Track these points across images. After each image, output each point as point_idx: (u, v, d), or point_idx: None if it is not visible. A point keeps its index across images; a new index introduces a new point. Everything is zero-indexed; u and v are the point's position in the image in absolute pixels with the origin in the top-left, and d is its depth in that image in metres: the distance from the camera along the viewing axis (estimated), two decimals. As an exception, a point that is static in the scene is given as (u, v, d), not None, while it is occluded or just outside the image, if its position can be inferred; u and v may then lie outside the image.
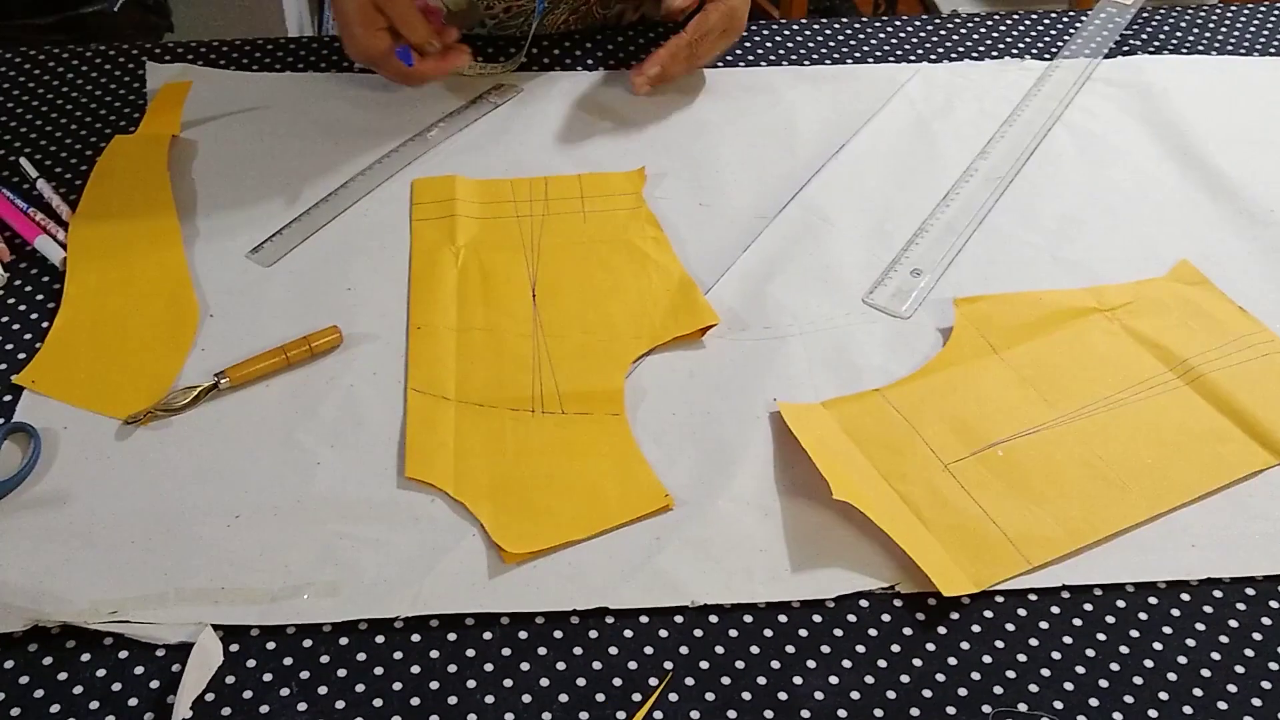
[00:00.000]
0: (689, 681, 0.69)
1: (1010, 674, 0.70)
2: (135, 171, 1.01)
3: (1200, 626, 0.72)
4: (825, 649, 0.71)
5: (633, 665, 0.70)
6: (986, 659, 0.71)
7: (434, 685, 0.69)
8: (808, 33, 1.21)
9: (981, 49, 1.20)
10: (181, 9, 1.98)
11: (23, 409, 0.83)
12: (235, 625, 0.71)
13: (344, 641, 0.70)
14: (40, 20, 1.74)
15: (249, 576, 0.73)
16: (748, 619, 0.72)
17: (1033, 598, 0.74)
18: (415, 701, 0.68)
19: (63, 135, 1.07)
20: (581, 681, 0.69)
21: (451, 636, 0.71)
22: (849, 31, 1.21)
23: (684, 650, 0.71)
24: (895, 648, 0.71)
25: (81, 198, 0.99)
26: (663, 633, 0.71)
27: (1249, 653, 0.71)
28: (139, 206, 0.98)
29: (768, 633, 0.72)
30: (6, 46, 1.17)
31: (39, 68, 1.14)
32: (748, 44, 1.19)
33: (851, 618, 0.73)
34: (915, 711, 0.68)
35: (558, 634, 0.71)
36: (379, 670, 0.69)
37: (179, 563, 0.73)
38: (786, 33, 1.21)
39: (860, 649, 0.71)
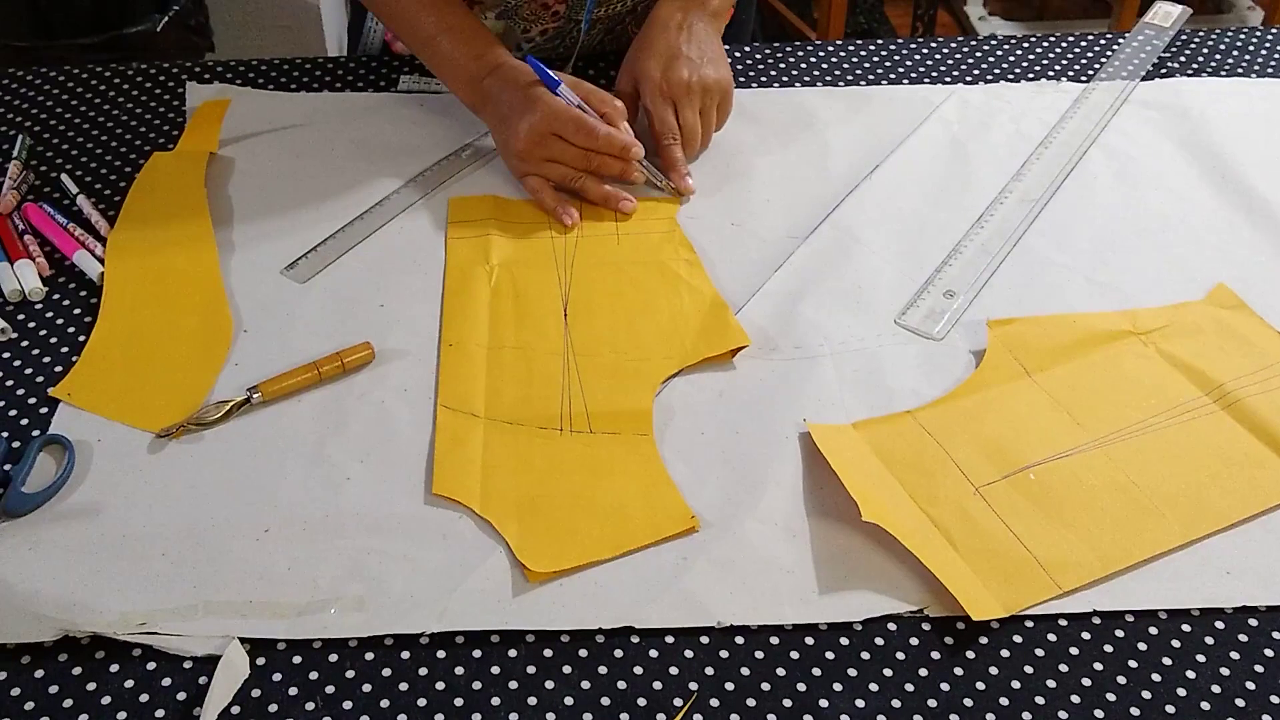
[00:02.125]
0: (714, 703, 0.69)
1: (1039, 700, 0.69)
2: (173, 188, 1.03)
3: (1235, 655, 0.71)
4: (852, 672, 0.70)
5: (658, 685, 0.69)
6: (1015, 684, 0.70)
7: (458, 702, 0.68)
8: (843, 54, 1.21)
9: (1018, 71, 1.19)
10: (223, 29, 2.01)
11: (58, 421, 0.84)
12: (262, 639, 0.71)
13: (370, 656, 0.71)
14: (84, 40, 1.77)
15: (277, 590, 0.73)
16: (774, 640, 0.72)
17: (1063, 623, 0.73)
18: (439, 718, 0.68)
19: (103, 152, 1.08)
20: (606, 701, 0.69)
21: (477, 653, 0.71)
22: (885, 53, 1.21)
23: (710, 671, 0.70)
24: (923, 671, 0.70)
25: (119, 214, 1.00)
26: (688, 653, 0.71)
27: (1285, 682, 0.70)
28: (176, 222, 0.99)
29: (794, 655, 0.71)
30: (51, 65, 1.19)
31: (81, 85, 1.16)
32: (783, 65, 1.19)
33: (879, 641, 0.72)
34: (942, 737, 0.68)
35: (583, 653, 0.71)
36: (404, 686, 0.69)
37: (208, 576, 0.74)
38: (822, 54, 1.21)
39: (887, 672, 0.70)
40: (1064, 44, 1.23)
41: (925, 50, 1.22)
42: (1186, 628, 0.73)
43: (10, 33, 1.82)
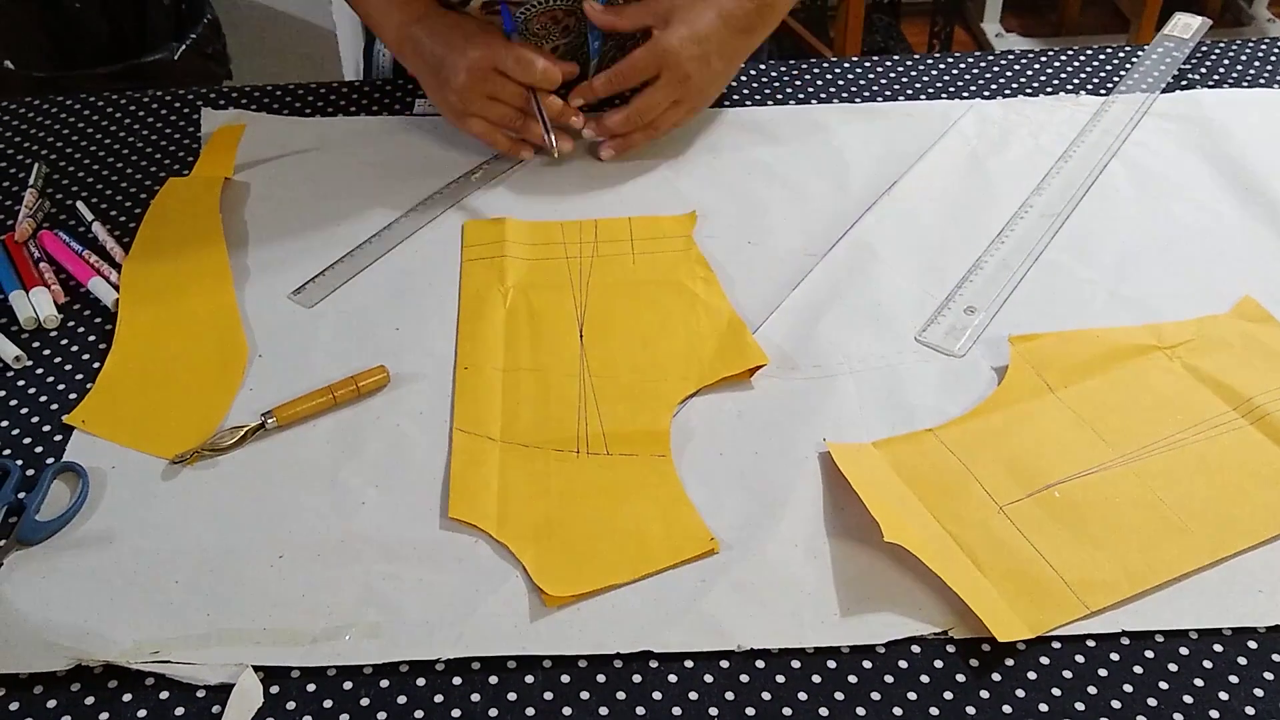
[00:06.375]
0: (735, 728, 0.68)
1: (1068, 723, 0.68)
2: (188, 213, 1.02)
3: (1269, 675, 0.70)
4: (875, 696, 0.69)
5: (677, 710, 0.68)
6: (1043, 707, 0.68)
7: (475, 729, 0.68)
8: (860, 70, 1.20)
9: (1036, 85, 1.18)
10: (240, 57, 2.02)
11: (72, 449, 0.83)
12: (276, 666, 0.70)
13: (385, 684, 0.70)
14: (102, 69, 1.78)
15: (291, 617, 0.72)
16: (795, 664, 0.71)
17: (1091, 644, 0.71)
18: (456, 746, 0.67)
19: (118, 179, 1.08)
20: (625, 727, 0.68)
21: (493, 679, 0.70)
22: (901, 68, 1.20)
23: (730, 696, 0.69)
24: (948, 695, 0.69)
25: (134, 240, 1.00)
26: (708, 678, 0.70)
27: (1321, 703, 0.68)
28: (191, 248, 0.99)
29: (816, 679, 0.70)
30: (68, 94, 1.19)
31: (97, 113, 1.16)
32: (799, 82, 1.19)
33: (903, 664, 0.71)
34: (969, 761, 0.66)
35: (600, 678, 0.70)
36: (419, 713, 0.68)
37: (222, 603, 0.73)
38: (839, 70, 1.20)
39: (911, 696, 0.69)
40: (1082, 58, 1.22)
41: (942, 66, 1.21)
42: (1218, 648, 0.71)
43: (28, 63, 1.84)
